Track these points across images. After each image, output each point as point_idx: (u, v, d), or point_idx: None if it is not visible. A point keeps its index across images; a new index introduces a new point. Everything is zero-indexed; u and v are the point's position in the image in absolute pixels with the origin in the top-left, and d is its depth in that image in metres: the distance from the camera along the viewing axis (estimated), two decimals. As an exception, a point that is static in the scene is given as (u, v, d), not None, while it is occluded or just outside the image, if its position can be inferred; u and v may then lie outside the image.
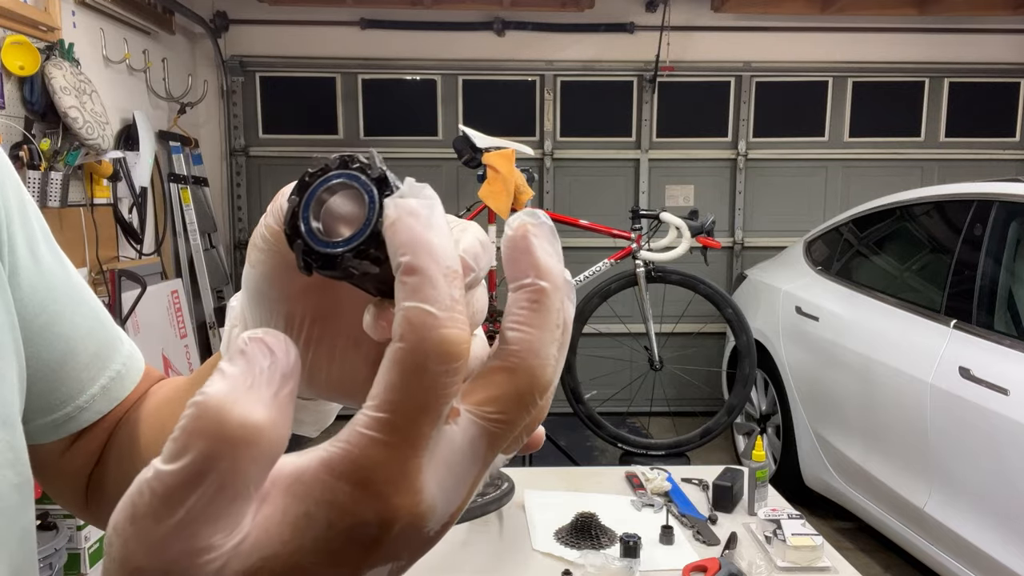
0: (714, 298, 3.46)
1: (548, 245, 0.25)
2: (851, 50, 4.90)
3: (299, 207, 0.26)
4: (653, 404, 4.39)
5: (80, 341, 0.53)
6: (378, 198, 0.25)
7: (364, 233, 0.24)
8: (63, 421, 0.53)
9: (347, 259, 0.25)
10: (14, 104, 2.87)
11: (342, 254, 0.25)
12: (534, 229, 0.25)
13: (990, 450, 2.35)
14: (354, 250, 0.24)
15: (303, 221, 0.26)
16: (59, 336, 0.52)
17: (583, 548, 1.58)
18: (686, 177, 5.03)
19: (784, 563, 1.55)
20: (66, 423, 0.53)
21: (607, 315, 3.79)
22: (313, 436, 0.38)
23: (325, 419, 0.39)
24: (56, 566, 2.40)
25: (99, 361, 0.54)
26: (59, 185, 2.96)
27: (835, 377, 3.22)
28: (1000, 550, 2.29)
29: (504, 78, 4.90)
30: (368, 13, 4.69)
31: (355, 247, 0.24)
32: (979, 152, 5.03)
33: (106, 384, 0.55)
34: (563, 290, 0.25)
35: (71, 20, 3.29)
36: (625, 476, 2.00)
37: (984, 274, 2.63)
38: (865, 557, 3.18)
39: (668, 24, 4.59)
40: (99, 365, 0.54)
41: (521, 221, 0.25)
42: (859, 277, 3.41)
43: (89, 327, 0.54)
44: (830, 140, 5.03)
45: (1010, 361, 2.35)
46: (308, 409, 0.37)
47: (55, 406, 0.53)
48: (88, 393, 0.54)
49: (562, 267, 0.25)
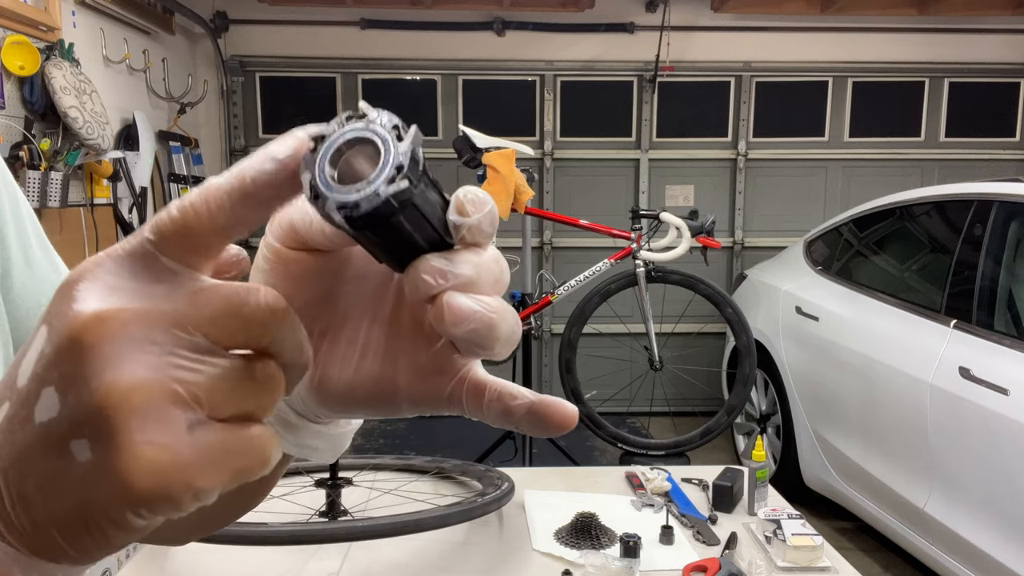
0: (714, 298, 3.46)
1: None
2: (851, 50, 4.90)
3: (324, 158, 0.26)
4: (653, 404, 4.39)
5: None
6: (385, 175, 0.25)
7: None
8: None
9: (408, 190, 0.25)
10: (14, 104, 2.87)
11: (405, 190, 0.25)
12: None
13: (990, 450, 2.35)
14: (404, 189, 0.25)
15: (321, 178, 0.26)
16: None
17: (583, 548, 1.58)
18: (686, 177, 5.03)
19: (784, 563, 1.55)
20: None
21: (607, 315, 3.79)
22: (330, 462, 0.38)
23: (341, 443, 0.39)
24: (56, 566, 2.39)
25: None
26: (59, 185, 2.96)
27: (835, 377, 3.22)
28: (1000, 550, 2.29)
29: (504, 78, 4.90)
30: (368, 13, 4.69)
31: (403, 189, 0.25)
32: (979, 152, 5.02)
33: None
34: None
35: (71, 20, 3.29)
36: (625, 476, 2.00)
37: (984, 274, 2.63)
38: (865, 557, 3.18)
39: (668, 24, 4.59)
40: None
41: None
42: (859, 277, 3.41)
43: None
44: (830, 140, 5.03)
45: (1010, 361, 2.35)
46: (322, 435, 0.37)
47: None
48: None
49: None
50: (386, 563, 1.53)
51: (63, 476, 0.23)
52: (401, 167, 0.25)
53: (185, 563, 1.52)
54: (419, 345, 0.33)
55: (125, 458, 0.22)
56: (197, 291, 0.24)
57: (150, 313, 0.23)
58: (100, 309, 0.23)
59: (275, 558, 1.54)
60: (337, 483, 1.65)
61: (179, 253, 0.25)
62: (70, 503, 0.23)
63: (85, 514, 0.23)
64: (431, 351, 0.33)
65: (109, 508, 0.23)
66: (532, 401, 0.31)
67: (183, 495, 0.22)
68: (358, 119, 0.26)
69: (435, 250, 0.28)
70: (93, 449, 0.23)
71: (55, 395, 0.23)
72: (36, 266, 0.51)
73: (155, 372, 0.23)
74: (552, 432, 0.31)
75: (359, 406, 0.34)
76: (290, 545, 1.52)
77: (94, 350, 0.22)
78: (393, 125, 0.26)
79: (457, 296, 0.28)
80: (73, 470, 0.23)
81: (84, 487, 0.23)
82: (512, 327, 0.30)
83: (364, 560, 1.54)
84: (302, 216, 0.31)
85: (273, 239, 0.32)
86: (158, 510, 0.23)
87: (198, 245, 0.25)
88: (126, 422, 0.22)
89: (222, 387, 0.24)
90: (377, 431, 4.50)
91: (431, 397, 0.33)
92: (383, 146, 0.25)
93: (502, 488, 1.70)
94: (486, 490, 1.71)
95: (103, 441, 0.22)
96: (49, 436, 0.23)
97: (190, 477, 0.22)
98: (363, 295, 0.34)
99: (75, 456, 0.23)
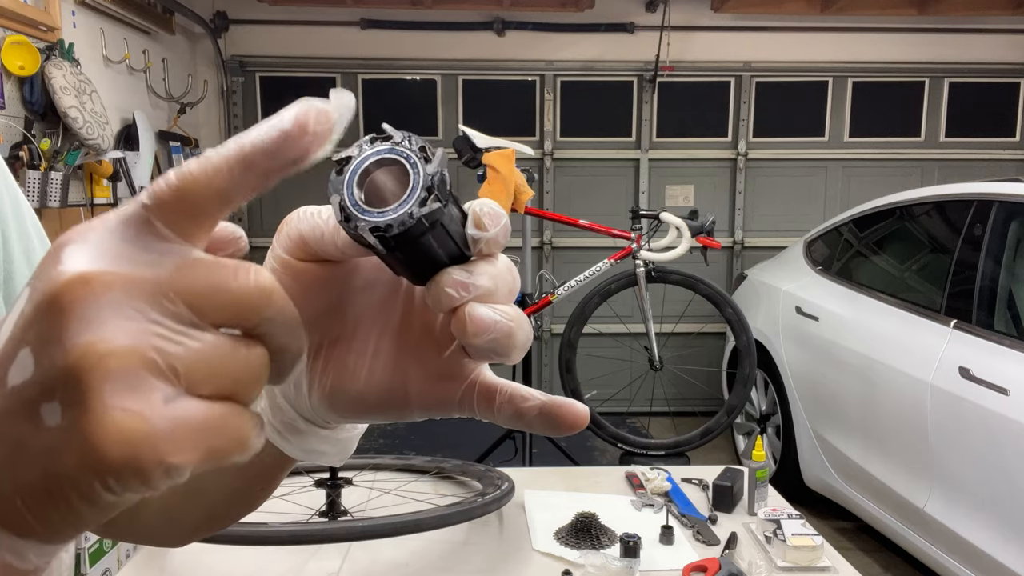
0: (714, 298, 3.46)
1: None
2: (851, 50, 4.90)
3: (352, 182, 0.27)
4: (653, 404, 4.39)
5: None
6: (417, 197, 0.27)
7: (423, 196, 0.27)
8: None
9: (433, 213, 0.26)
10: (14, 104, 2.87)
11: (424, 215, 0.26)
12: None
13: (990, 450, 2.35)
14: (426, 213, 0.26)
15: (350, 199, 0.27)
16: None
17: (583, 548, 1.58)
18: (686, 177, 5.03)
19: (784, 563, 1.55)
20: None
21: (607, 315, 3.79)
22: (338, 465, 0.39)
23: (347, 448, 0.39)
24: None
25: None
26: (59, 185, 2.96)
27: (835, 377, 3.22)
28: (1000, 550, 2.29)
29: (504, 78, 4.90)
30: (368, 13, 4.69)
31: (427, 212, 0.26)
32: (979, 152, 5.02)
33: None
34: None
35: (71, 20, 3.29)
36: (625, 476, 2.00)
37: (984, 274, 2.63)
38: (865, 557, 3.18)
39: (668, 24, 4.59)
40: None
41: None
42: (859, 277, 3.41)
43: None
44: (830, 140, 5.03)
45: (1010, 361, 2.35)
46: (330, 440, 0.37)
47: None
48: None
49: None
50: (386, 563, 1.53)
51: (31, 442, 0.22)
52: (431, 188, 0.25)
53: (185, 563, 1.52)
54: (429, 352, 0.34)
55: (95, 423, 0.21)
56: (187, 262, 0.24)
57: (136, 279, 0.23)
58: (84, 271, 0.22)
59: (275, 558, 1.54)
60: (337, 483, 1.65)
61: (174, 218, 0.24)
62: (36, 470, 0.22)
63: (51, 483, 0.22)
64: (441, 357, 0.33)
65: (76, 477, 0.22)
66: (543, 402, 0.32)
67: (154, 468, 0.22)
68: (383, 140, 0.27)
69: (454, 262, 0.29)
70: (64, 413, 0.22)
71: (30, 356, 0.22)
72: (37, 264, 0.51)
73: (134, 338, 0.22)
74: (564, 432, 0.32)
75: (370, 412, 0.35)
76: (290, 545, 1.52)
77: (73, 310, 0.22)
78: (420, 147, 0.27)
79: (478, 308, 0.29)
80: (42, 435, 0.22)
81: (52, 454, 0.22)
82: (527, 334, 0.31)
83: (364, 560, 1.54)
84: (311, 228, 0.31)
85: (282, 251, 0.32)
86: (127, 482, 0.22)
87: (194, 211, 0.24)
88: (99, 386, 0.21)
89: (204, 363, 0.23)
90: (377, 431, 4.50)
91: (442, 402, 0.34)
92: (412, 168, 0.26)
93: (502, 488, 1.70)
94: (486, 490, 1.71)
95: (74, 405, 0.22)
96: (20, 399, 0.22)
97: (162, 450, 0.21)
98: (372, 304, 0.34)
99: (44, 420, 0.22)
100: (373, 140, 0.27)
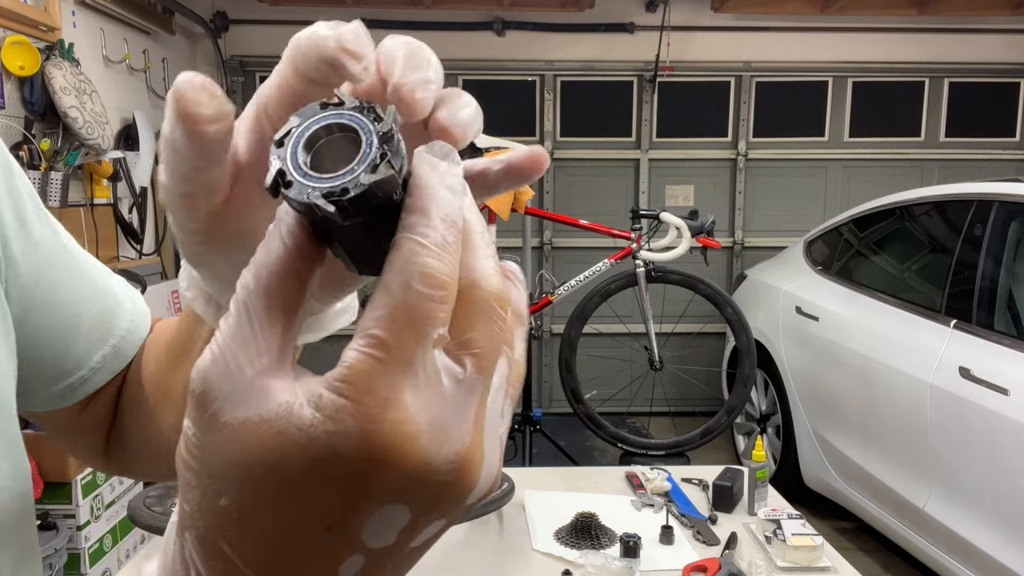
0: (714, 298, 3.46)
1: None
2: (851, 50, 4.90)
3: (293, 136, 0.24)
4: (653, 404, 4.39)
5: (82, 305, 0.53)
6: (374, 152, 0.24)
7: (356, 175, 0.23)
8: (78, 384, 0.54)
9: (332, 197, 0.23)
10: (14, 104, 2.87)
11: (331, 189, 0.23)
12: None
13: (990, 450, 2.35)
14: (339, 188, 0.23)
15: (294, 164, 0.24)
16: (61, 303, 0.52)
17: (583, 548, 1.58)
18: (686, 177, 5.03)
19: (784, 563, 1.55)
20: (81, 385, 0.54)
21: (607, 315, 3.79)
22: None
23: (334, 324, 0.38)
24: (56, 566, 2.39)
25: (105, 323, 0.54)
26: (59, 185, 2.96)
27: (835, 377, 3.22)
28: (1000, 550, 2.29)
29: (504, 78, 4.90)
30: (368, 13, 4.69)
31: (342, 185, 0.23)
32: (979, 152, 5.03)
33: (117, 343, 0.55)
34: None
35: (71, 20, 3.29)
36: (625, 476, 2.00)
37: (984, 274, 2.63)
38: (865, 557, 3.18)
39: (668, 24, 4.59)
40: (106, 327, 0.54)
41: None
42: (859, 277, 3.41)
43: (89, 291, 0.54)
44: (830, 140, 5.03)
45: (1010, 361, 2.35)
46: (318, 321, 0.36)
47: (68, 372, 0.53)
48: (99, 354, 0.54)
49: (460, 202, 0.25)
50: (386, 563, 1.53)
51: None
52: (386, 145, 0.24)
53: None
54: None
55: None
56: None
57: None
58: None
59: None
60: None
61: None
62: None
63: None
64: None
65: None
66: (504, 164, 0.31)
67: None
68: (335, 106, 0.25)
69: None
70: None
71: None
72: (34, 234, 0.51)
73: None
74: (528, 177, 0.31)
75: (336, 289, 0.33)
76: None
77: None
78: (369, 107, 0.25)
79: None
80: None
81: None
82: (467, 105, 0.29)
83: (364, 560, 1.54)
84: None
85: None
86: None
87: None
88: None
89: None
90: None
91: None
92: (362, 129, 0.24)
93: (502, 488, 1.70)
94: (486, 490, 1.71)
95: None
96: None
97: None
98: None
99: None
100: (324, 106, 0.25)
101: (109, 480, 2.68)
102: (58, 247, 0.53)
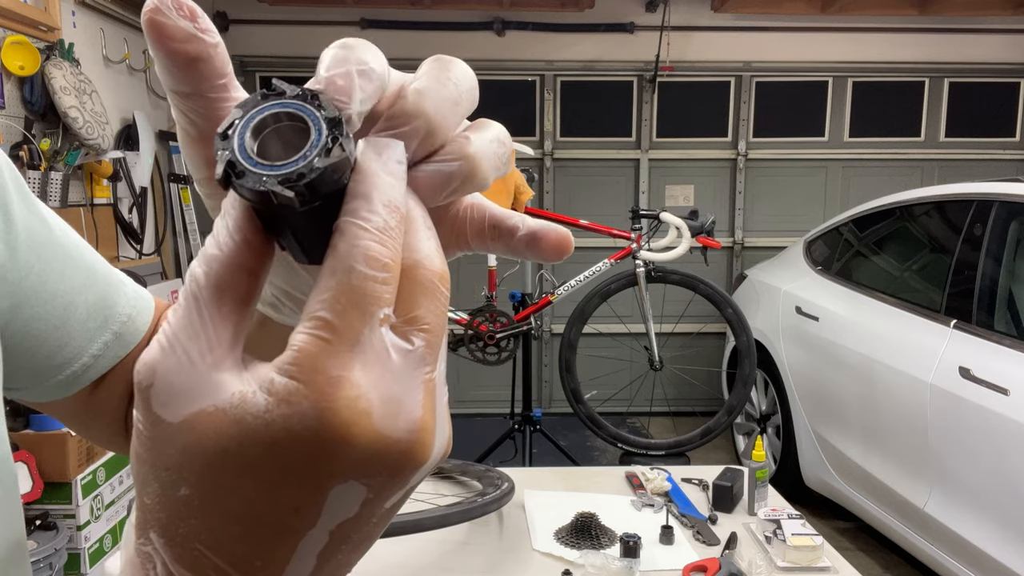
0: (714, 298, 3.46)
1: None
2: (851, 50, 4.90)
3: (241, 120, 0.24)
4: (653, 404, 4.39)
5: (76, 294, 0.53)
6: (325, 137, 0.24)
7: (301, 163, 0.23)
8: (80, 372, 0.53)
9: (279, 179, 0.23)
10: (14, 104, 2.87)
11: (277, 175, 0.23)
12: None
13: (990, 450, 2.35)
14: (286, 176, 0.23)
15: (239, 136, 0.24)
16: (53, 293, 0.51)
17: (583, 548, 1.58)
18: (686, 177, 5.03)
19: (784, 563, 1.55)
20: (84, 373, 0.54)
21: (607, 315, 3.79)
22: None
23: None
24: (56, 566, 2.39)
25: (103, 309, 0.54)
26: (59, 185, 2.96)
27: (835, 377, 3.22)
28: (1000, 550, 2.29)
29: (504, 78, 4.90)
30: (368, 13, 4.69)
31: (289, 173, 0.23)
32: (979, 152, 5.03)
33: (118, 330, 0.55)
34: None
35: (71, 20, 3.29)
36: (625, 476, 2.00)
37: (984, 274, 2.63)
38: (865, 557, 3.18)
39: (668, 24, 4.59)
40: (104, 314, 0.54)
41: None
42: (859, 277, 3.41)
43: (83, 279, 0.54)
44: (830, 140, 5.03)
45: (1010, 361, 2.35)
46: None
47: (68, 361, 0.53)
48: (100, 341, 0.54)
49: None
50: (385, 563, 1.53)
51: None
52: (334, 128, 0.24)
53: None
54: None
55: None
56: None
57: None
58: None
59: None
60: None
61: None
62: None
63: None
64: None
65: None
66: (531, 230, 0.31)
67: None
68: (276, 95, 0.25)
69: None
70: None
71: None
72: (18, 224, 0.50)
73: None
74: (550, 256, 0.31)
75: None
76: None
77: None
78: (312, 94, 0.25)
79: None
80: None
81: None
82: (487, 147, 0.31)
83: (364, 560, 1.54)
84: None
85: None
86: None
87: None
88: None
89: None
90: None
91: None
92: (308, 116, 0.24)
93: (502, 488, 1.70)
94: (486, 490, 1.71)
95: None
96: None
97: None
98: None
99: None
100: (265, 96, 0.25)
101: (109, 480, 2.68)
102: (46, 237, 0.52)
